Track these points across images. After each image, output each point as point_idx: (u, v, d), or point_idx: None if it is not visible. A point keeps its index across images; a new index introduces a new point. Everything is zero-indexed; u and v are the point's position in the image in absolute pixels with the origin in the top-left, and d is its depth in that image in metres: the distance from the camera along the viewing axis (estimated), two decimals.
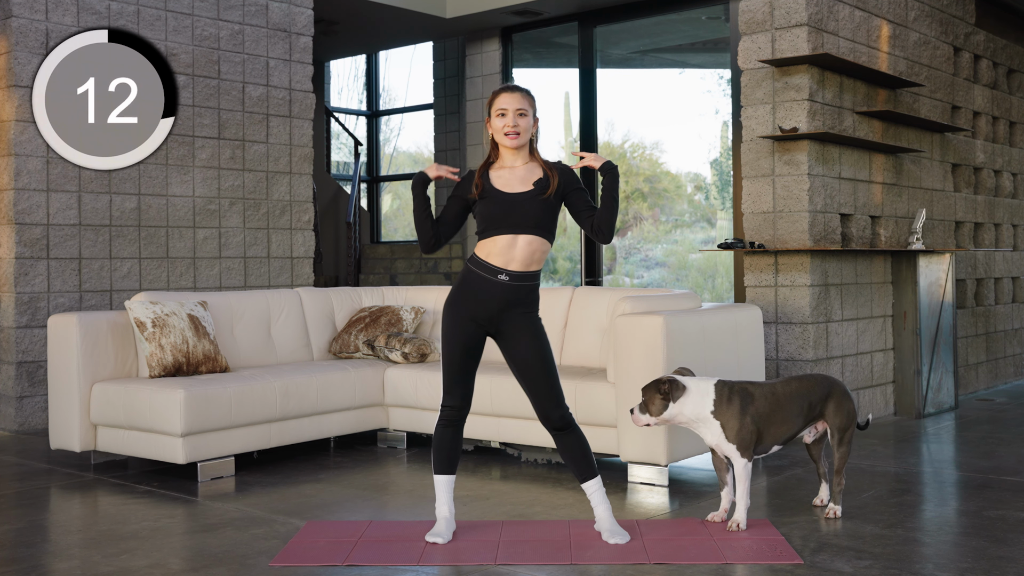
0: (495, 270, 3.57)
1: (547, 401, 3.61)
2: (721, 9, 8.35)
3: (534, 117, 3.62)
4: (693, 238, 10.23)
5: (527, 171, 3.62)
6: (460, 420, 3.68)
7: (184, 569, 3.39)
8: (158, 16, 6.73)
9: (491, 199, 3.58)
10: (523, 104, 3.58)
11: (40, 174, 6.22)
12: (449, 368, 3.65)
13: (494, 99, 3.61)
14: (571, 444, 3.65)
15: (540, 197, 3.56)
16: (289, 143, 7.44)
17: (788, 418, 3.86)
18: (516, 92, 3.60)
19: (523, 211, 3.55)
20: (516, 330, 3.60)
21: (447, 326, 3.64)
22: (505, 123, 3.57)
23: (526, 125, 3.59)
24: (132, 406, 4.79)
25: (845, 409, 3.95)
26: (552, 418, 3.62)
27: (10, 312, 6.15)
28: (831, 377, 4.03)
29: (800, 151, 5.82)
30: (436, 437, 3.70)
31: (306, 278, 7.54)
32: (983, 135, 7.78)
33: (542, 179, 3.60)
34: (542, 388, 3.60)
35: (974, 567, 3.31)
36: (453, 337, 3.63)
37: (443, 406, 3.69)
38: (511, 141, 3.58)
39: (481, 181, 3.61)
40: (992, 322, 7.85)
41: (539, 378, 3.60)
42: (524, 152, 3.64)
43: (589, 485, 3.66)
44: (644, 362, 4.46)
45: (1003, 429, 6.03)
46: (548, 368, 3.61)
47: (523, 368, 3.61)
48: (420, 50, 11.24)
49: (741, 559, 3.40)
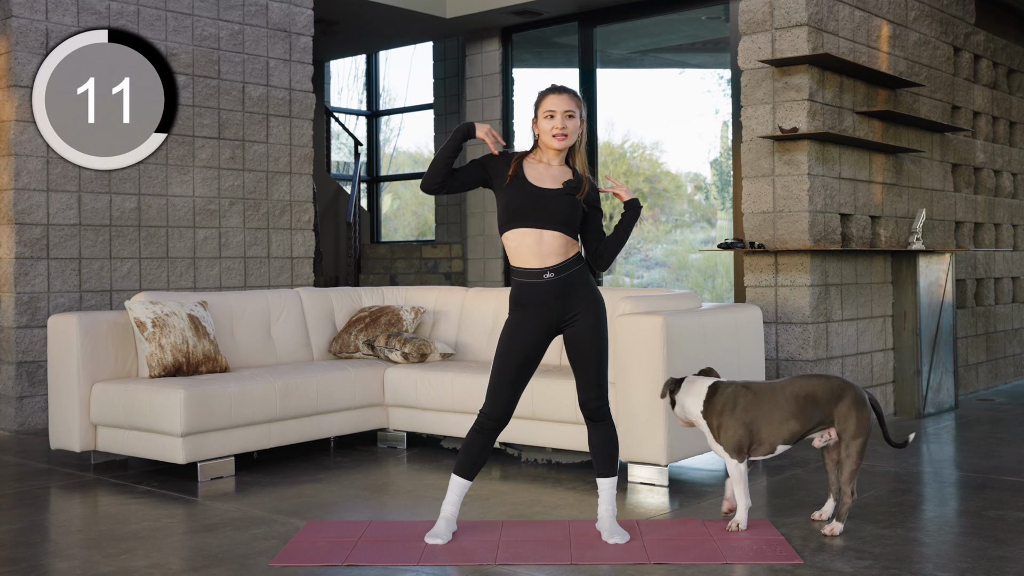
0: (537, 272, 3.58)
1: (592, 389, 3.64)
2: (721, 9, 8.35)
3: (580, 118, 3.63)
4: (693, 238, 10.23)
5: (561, 172, 3.65)
6: (495, 432, 3.66)
7: (184, 569, 3.39)
8: (158, 16, 6.73)
9: (520, 190, 3.59)
10: (571, 106, 3.60)
11: (40, 174, 6.22)
12: (500, 375, 3.62)
13: (542, 100, 3.63)
14: (602, 436, 3.69)
15: (568, 197, 3.59)
16: (289, 143, 7.44)
17: (787, 418, 3.70)
18: (564, 94, 3.62)
19: (550, 207, 3.56)
20: (581, 315, 3.61)
21: (510, 331, 3.62)
22: (554, 125, 3.59)
23: (573, 127, 3.61)
24: (132, 406, 4.79)
25: (856, 417, 3.67)
26: (591, 407, 3.66)
27: (10, 312, 6.15)
28: (847, 382, 3.77)
29: (800, 151, 5.82)
30: (467, 440, 3.68)
31: (306, 278, 7.54)
32: (983, 135, 7.78)
33: (572, 180, 3.62)
34: (591, 375, 3.63)
35: (974, 567, 3.31)
36: (515, 341, 3.61)
37: (482, 412, 3.65)
38: (558, 143, 3.60)
39: (516, 168, 3.63)
40: (992, 322, 7.85)
41: (590, 364, 3.63)
42: (563, 155, 3.66)
43: (604, 482, 3.69)
44: (644, 362, 4.46)
45: (1003, 429, 6.03)
46: (601, 358, 3.64)
47: (578, 350, 3.62)
48: (420, 50, 11.25)
49: (741, 559, 3.40)
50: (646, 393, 4.46)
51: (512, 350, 3.61)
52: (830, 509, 3.81)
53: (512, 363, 3.60)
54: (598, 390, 3.65)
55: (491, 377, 3.64)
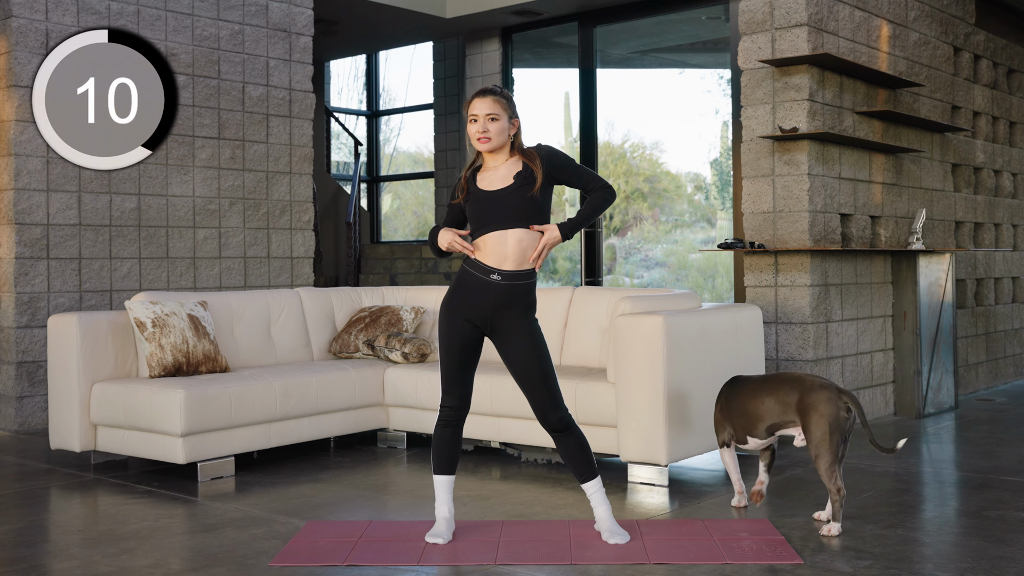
0: (488, 270, 3.58)
1: (545, 403, 3.60)
2: (721, 9, 8.35)
3: (511, 118, 3.62)
4: (693, 238, 10.23)
5: (508, 168, 3.63)
6: (459, 420, 3.68)
7: (184, 569, 3.39)
8: (158, 16, 6.73)
9: (475, 199, 3.61)
10: (493, 109, 3.59)
11: (40, 174, 6.22)
12: (447, 368, 3.65)
13: (468, 105, 3.64)
14: (571, 445, 3.65)
15: (522, 189, 3.57)
16: (289, 143, 7.44)
17: (749, 413, 3.91)
18: (487, 97, 3.61)
19: (505, 205, 3.56)
20: (511, 331, 3.60)
21: (443, 326, 3.66)
22: (476, 128, 3.60)
23: (497, 129, 3.59)
24: (132, 406, 4.79)
25: (816, 415, 3.68)
26: (551, 420, 3.61)
27: (10, 312, 6.15)
28: (810, 378, 3.79)
29: (800, 151, 5.82)
30: (436, 437, 3.70)
31: (306, 278, 7.54)
32: (983, 135, 7.78)
33: (521, 171, 3.61)
34: (539, 390, 3.60)
35: (974, 567, 3.31)
36: (449, 337, 3.64)
37: (442, 406, 3.69)
38: (482, 145, 3.61)
39: (467, 184, 3.65)
40: (992, 322, 7.85)
41: (535, 379, 3.59)
42: (504, 152, 3.65)
43: (589, 486, 3.66)
44: (644, 362, 4.46)
45: (1003, 429, 6.03)
46: (544, 370, 3.60)
47: (519, 369, 3.61)
48: (420, 50, 11.24)
49: (741, 559, 3.40)
50: (646, 393, 4.46)
51: (451, 345, 3.63)
52: (831, 510, 3.77)
53: (455, 357, 3.63)
54: (552, 400, 3.61)
55: (441, 371, 3.67)
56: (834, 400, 3.71)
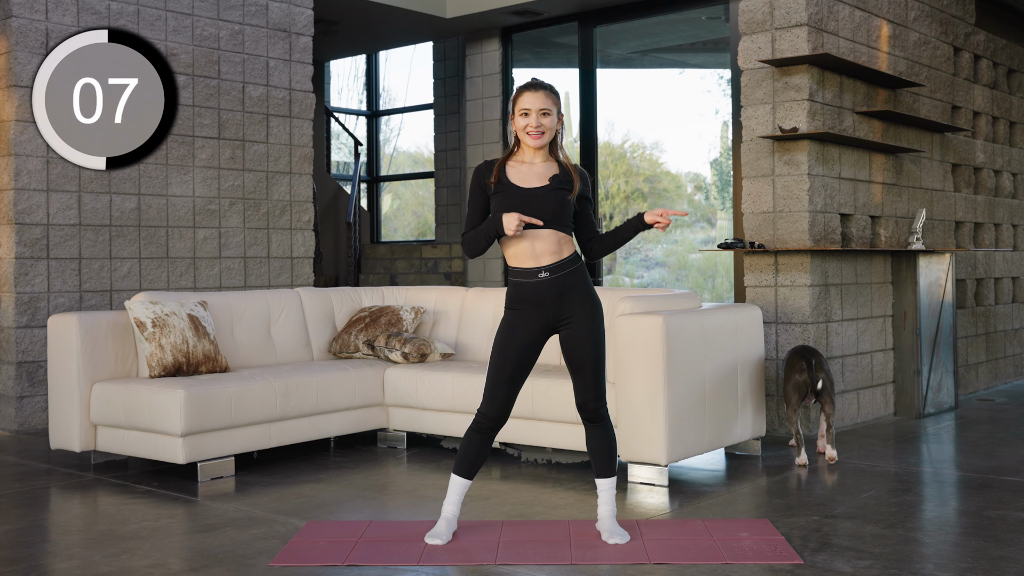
0: (532, 272, 3.57)
1: (590, 390, 3.62)
2: (721, 9, 8.35)
3: (558, 115, 3.62)
4: (693, 238, 10.23)
5: (545, 168, 3.62)
6: (493, 430, 3.65)
7: (184, 569, 3.39)
8: (158, 16, 6.73)
9: (507, 193, 3.57)
10: (546, 103, 3.58)
11: (40, 174, 6.22)
12: (495, 377, 3.60)
13: (518, 97, 3.60)
14: (599, 438, 3.67)
15: (558, 192, 3.57)
16: (289, 143, 7.44)
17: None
18: (540, 91, 3.59)
19: (538, 206, 3.54)
20: (577, 316, 3.59)
21: (505, 330, 3.61)
22: (528, 122, 3.57)
23: (549, 124, 3.59)
24: (132, 406, 4.79)
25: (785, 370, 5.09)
26: (589, 407, 3.63)
27: (10, 312, 6.15)
28: (795, 348, 5.10)
29: (800, 151, 5.82)
30: (465, 439, 3.67)
31: (306, 278, 7.54)
32: (983, 135, 7.78)
33: (559, 175, 3.60)
34: (588, 376, 3.61)
35: (974, 567, 3.31)
36: (511, 341, 3.59)
37: (479, 412, 3.64)
38: (533, 141, 3.58)
39: (498, 174, 3.61)
40: (992, 322, 7.85)
41: (587, 365, 3.60)
42: (545, 150, 3.64)
43: (604, 483, 3.68)
44: (644, 362, 4.46)
45: (1003, 429, 6.03)
46: (598, 360, 3.61)
47: (574, 352, 3.60)
48: (420, 50, 11.25)
49: (741, 559, 3.40)
50: (646, 393, 4.46)
51: (508, 350, 3.59)
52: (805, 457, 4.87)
53: (508, 363, 3.59)
54: (596, 391, 3.63)
55: (488, 377, 3.63)
56: (789, 360, 5.03)
